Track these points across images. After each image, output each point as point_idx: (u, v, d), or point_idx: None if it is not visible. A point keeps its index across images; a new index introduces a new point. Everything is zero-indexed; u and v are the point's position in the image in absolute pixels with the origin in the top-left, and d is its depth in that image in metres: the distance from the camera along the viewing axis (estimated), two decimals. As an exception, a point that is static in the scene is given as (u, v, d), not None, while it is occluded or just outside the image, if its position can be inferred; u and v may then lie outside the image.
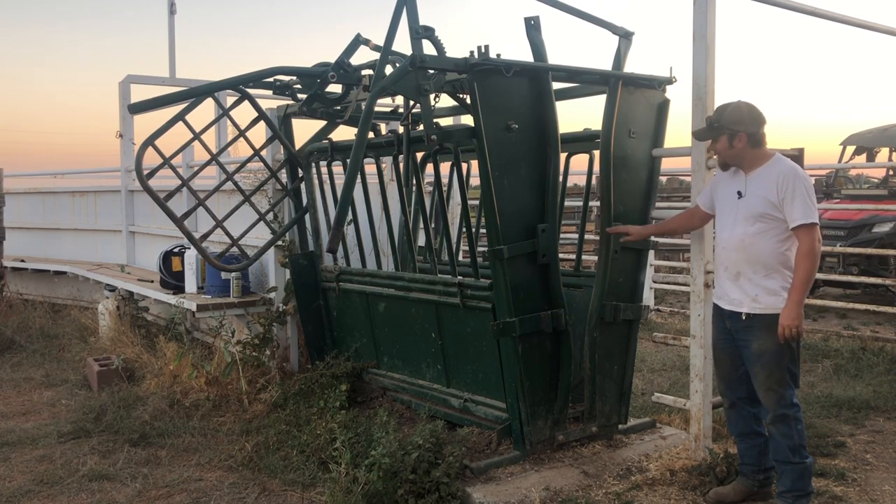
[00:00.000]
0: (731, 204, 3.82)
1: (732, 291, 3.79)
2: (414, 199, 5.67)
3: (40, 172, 12.63)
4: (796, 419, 3.67)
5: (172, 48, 11.70)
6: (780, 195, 3.60)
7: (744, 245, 3.71)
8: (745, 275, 3.73)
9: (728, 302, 3.83)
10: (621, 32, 4.74)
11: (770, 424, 3.72)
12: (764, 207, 3.65)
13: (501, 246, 4.13)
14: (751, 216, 3.69)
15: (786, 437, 3.66)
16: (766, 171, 3.70)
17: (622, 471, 4.30)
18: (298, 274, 5.85)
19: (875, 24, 5.49)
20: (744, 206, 3.73)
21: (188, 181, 5.23)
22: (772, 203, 3.63)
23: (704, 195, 4.10)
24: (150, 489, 4.30)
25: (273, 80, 5.21)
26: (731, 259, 3.78)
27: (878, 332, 7.85)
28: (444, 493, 3.81)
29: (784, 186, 3.59)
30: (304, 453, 4.56)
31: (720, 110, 3.84)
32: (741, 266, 3.74)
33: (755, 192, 3.70)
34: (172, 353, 6.13)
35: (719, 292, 3.92)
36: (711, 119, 3.87)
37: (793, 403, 3.68)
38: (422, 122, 4.34)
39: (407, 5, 4.43)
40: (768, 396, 3.68)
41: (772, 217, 3.64)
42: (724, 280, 3.85)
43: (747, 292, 3.71)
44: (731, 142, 3.75)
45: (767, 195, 3.64)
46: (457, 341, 4.82)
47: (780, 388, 3.65)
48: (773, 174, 3.66)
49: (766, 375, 3.67)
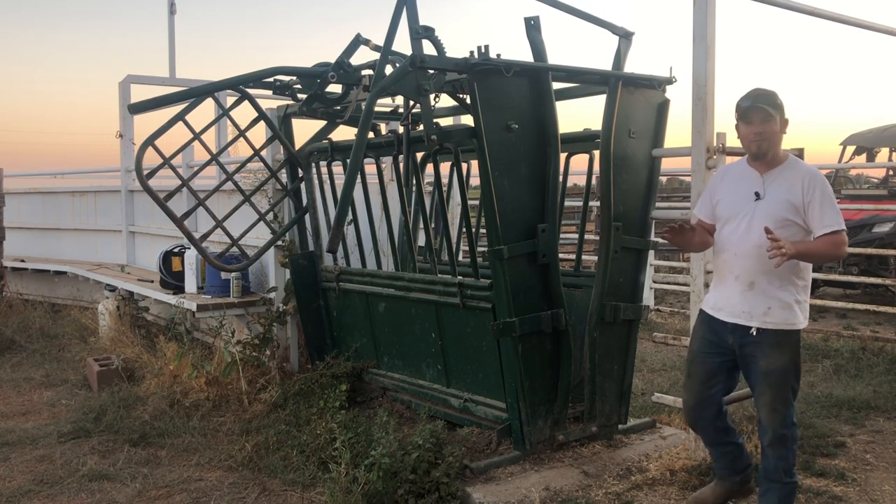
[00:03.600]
0: (745, 206, 3.45)
1: (742, 303, 3.43)
2: (414, 199, 5.67)
3: (40, 172, 12.62)
4: (793, 439, 3.48)
5: (172, 48, 11.71)
6: (805, 199, 3.32)
7: (760, 252, 3.30)
8: (759, 285, 3.39)
9: (732, 314, 3.48)
10: (621, 32, 4.75)
11: (768, 446, 3.49)
12: (786, 211, 3.34)
13: (501, 246, 4.13)
14: (771, 220, 3.32)
15: (782, 459, 3.46)
16: (787, 172, 3.40)
17: (622, 471, 4.30)
18: (298, 274, 5.85)
19: (875, 24, 5.49)
20: (763, 209, 3.38)
21: (188, 181, 5.24)
22: (795, 207, 3.33)
23: (702, 206, 3.71)
24: (150, 489, 4.30)
25: (273, 80, 5.22)
26: (744, 267, 3.42)
27: (878, 332, 7.84)
28: (444, 493, 3.81)
29: (810, 190, 3.31)
30: (304, 453, 4.56)
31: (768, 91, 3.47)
32: (756, 275, 3.39)
33: (777, 193, 3.38)
34: (172, 354, 6.13)
35: (720, 303, 3.54)
36: (766, 95, 3.43)
37: (792, 423, 3.47)
38: (422, 122, 4.34)
39: (407, 5, 4.43)
40: (773, 417, 3.43)
41: (791, 223, 3.34)
42: (731, 290, 3.49)
43: (759, 304, 3.39)
44: (783, 125, 3.43)
45: (791, 198, 3.34)
46: (457, 341, 4.82)
47: (785, 407, 3.43)
48: (797, 176, 3.37)
49: (773, 396, 3.42)
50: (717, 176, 3.74)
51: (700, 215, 3.71)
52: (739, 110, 3.46)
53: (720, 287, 3.57)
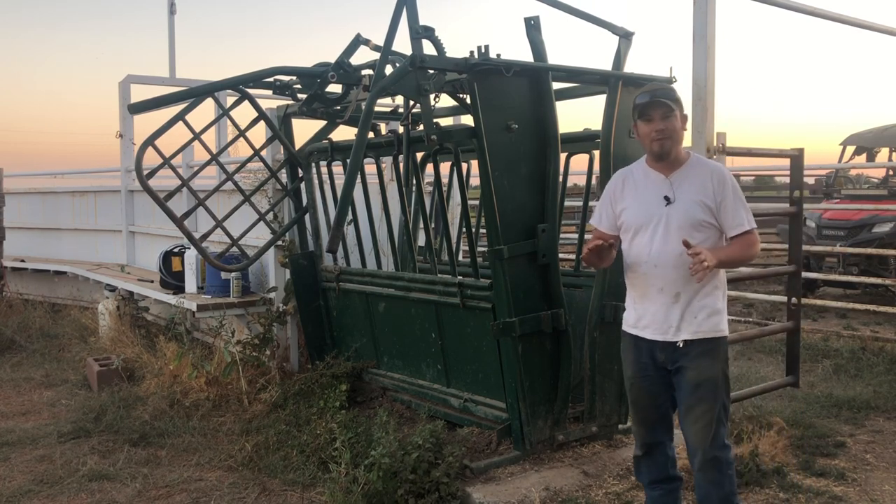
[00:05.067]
0: (655, 212, 3.19)
1: (671, 316, 3.18)
2: (414, 199, 5.67)
3: (40, 172, 12.64)
4: (728, 462, 3.18)
5: (172, 48, 11.74)
6: (716, 198, 3.12)
7: (683, 260, 3.07)
8: (685, 295, 3.16)
9: (658, 331, 3.21)
10: (621, 32, 4.75)
11: (698, 471, 3.20)
12: (701, 213, 3.13)
13: (501, 246, 4.13)
14: (687, 225, 3.12)
15: (716, 486, 3.17)
16: (693, 171, 3.19)
17: (622, 471, 4.30)
18: (298, 274, 5.85)
19: (875, 24, 5.49)
20: (676, 214, 3.14)
21: (188, 181, 5.24)
22: (708, 208, 3.13)
23: (604, 216, 3.39)
24: (150, 489, 4.30)
25: (273, 80, 5.21)
26: (668, 278, 3.16)
27: (878, 332, 7.84)
28: (444, 493, 3.81)
29: (720, 188, 3.13)
30: (304, 453, 4.56)
31: (665, 85, 3.35)
32: (681, 285, 3.15)
33: (688, 196, 3.15)
34: (172, 353, 6.13)
35: (645, 320, 3.26)
36: (663, 89, 3.23)
37: (725, 444, 3.18)
38: (422, 122, 4.34)
39: (407, 5, 4.43)
40: (701, 434, 3.14)
41: (708, 224, 3.14)
42: (655, 304, 3.22)
43: (688, 315, 3.16)
44: (683, 121, 3.22)
45: (703, 198, 3.13)
46: (457, 341, 4.82)
47: (716, 424, 3.14)
48: (705, 174, 3.16)
49: (704, 410, 3.14)
50: (616, 181, 3.40)
51: (601, 227, 3.40)
52: (637, 108, 3.20)
53: (643, 302, 3.28)
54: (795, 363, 4.92)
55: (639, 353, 3.31)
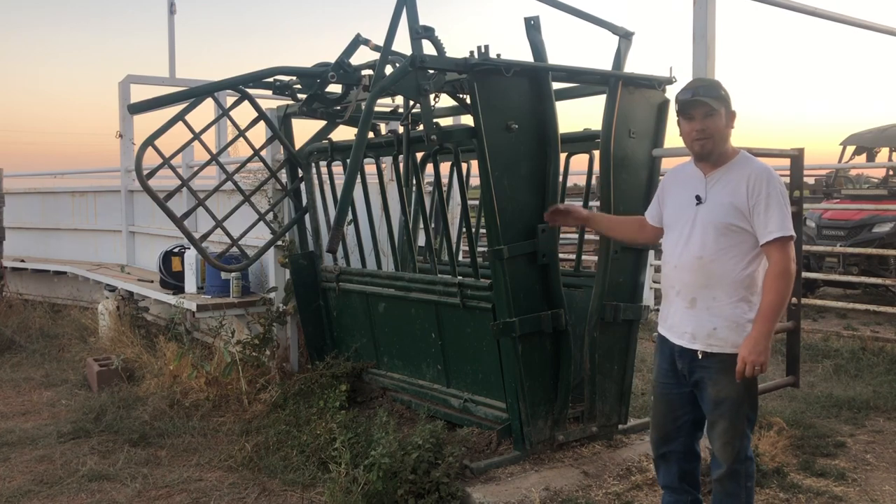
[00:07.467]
0: (685, 212, 3.10)
1: (685, 322, 3.07)
2: (414, 199, 5.67)
3: (40, 172, 12.63)
4: (748, 475, 3.10)
5: (172, 48, 11.71)
6: (750, 201, 2.93)
7: (702, 264, 2.99)
8: (702, 302, 3.01)
9: (678, 335, 3.11)
10: (621, 32, 4.74)
11: (717, 481, 3.13)
12: (730, 216, 2.96)
13: (501, 246, 4.13)
14: (713, 227, 2.98)
15: (731, 497, 3.09)
16: (732, 171, 3.02)
17: (622, 471, 4.30)
18: (298, 274, 5.85)
19: (875, 24, 5.50)
20: (704, 215, 3.02)
21: (188, 181, 5.23)
22: (740, 211, 2.95)
23: (651, 206, 3.40)
24: (150, 489, 4.30)
25: (273, 80, 5.21)
26: (684, 281, 3.07)
27: (878, 332, 7.85)
28: (444, 494, 3.81)
29: (757, 191, 2.93)
30: (304, 453, 4.56)
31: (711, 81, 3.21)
32: (696, 290, 3.03)
33: (719, 196, 3.01)
34: (172, 354, 6.13)
35: (668, 320, 3.18)
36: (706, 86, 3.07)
37: (747, 457, 3.10)
38: (422, 122, 4.34)
39: (407, 5, 4.43)
40: (725, 451, 3.07)
41: (738, 229, 2.96)
42: (674, 307, 3.14)
43: (703, 324, 3.02)
44: (730, 120, 3.06)
45: (735, 201, 2.96)
46: (457, 341, 4.82)
47: (739, 440, 3.05)
48: (743, 175, 2.98)
49: (725, 428, 3.04)
50: (668, 177, 3.34)
51: (647, 218, 3.42)
52: (678, 104, 3.08)
53: (666, 302, 3.23)
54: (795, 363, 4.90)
55: (662, 357, 3.24)
